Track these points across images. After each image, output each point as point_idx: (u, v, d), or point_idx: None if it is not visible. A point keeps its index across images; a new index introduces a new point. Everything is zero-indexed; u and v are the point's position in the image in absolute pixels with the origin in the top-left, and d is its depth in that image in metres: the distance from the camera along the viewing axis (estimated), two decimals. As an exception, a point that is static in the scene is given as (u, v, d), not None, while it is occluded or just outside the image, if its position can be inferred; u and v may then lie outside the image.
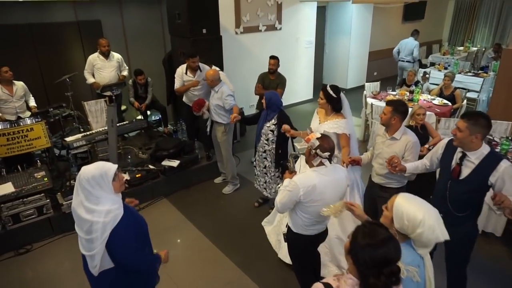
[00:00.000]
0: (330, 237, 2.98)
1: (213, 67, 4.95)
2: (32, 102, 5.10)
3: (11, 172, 4.22)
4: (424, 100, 5.83)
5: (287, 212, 2.56)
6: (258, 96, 5.60)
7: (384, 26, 10.10)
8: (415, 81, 6.40)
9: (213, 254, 3.75)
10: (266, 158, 4.02)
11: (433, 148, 2.85)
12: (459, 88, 6.22)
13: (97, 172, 1.92)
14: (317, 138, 2.33)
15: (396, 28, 10.53)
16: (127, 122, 5.20)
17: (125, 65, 5.76)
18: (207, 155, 5.20)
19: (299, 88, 8.44)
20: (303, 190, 2.29)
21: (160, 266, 2.28)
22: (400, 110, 2.92)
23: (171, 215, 4.43)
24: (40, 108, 5.08)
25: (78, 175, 1.94)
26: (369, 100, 6.09)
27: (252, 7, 6.94)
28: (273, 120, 3.82)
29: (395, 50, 8.57)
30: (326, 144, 2.32)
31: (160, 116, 6.43)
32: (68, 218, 3.95)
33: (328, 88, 3.27)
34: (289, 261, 3.33)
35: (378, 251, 1.40)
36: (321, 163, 2.35)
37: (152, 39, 6.66)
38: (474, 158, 2.41)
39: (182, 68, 4.94)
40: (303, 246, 2.59)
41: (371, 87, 6.72)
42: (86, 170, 1.93)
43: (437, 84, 6.84)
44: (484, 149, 2.41)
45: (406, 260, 1.54)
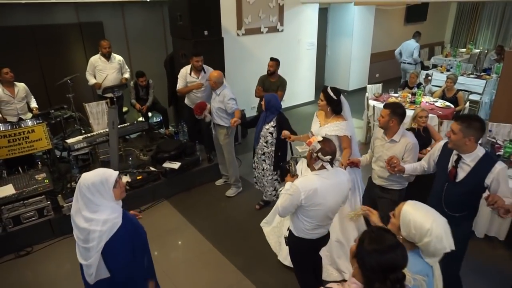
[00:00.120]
0: (331, 240, 2.96)
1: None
2: (34, 104, 5.09)
3: (12, 174, 4.22)
4: (427, 102, 5.81)
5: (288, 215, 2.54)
6: (259, 98, 5.59)
7: (386, 28, 10.08)
8: (417, 83, 6.37)
9: (213, 257, 3.73)
10: (265, 160, 4.01)
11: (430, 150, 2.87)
12: (461, 90, 6.20)
13: (98, 179, 1.89)
14: (319, 142, 2.31)
15: (398, 30, 10.51)
16: (128, 124, 5.19)
17: (126, 67, 5.76)
18: (208, 157, 5.19)
19: (300, 90, 8.43)
20: (305, 194, 2.27)
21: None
22: (397, 113, 2.92)
23: (172, 218, 4.42)
24: (41, 110, 5.07)
25: (78, 182, 1.91)
26: (371, 102, 6.08)
27: (254, 9, 6.94)
28: (272, 123, 3.82)
29: (397, 51, 8.63)
30: (328, 148, 2.30)
31: (161, 118, 6.42)
32: (68, 220, 3.84)
33: (328, 89, 3.26)
34: (289, 263, 3.32)
35: (385, 256, 1.38)
36: (322, 167, 2.34)
37: (153, 40, 6.66)
38: (469, 161, 2.45)
39: (186, 69, 4.93)
40: (304, 250, 2.58)
41: (373, 89, 6.70)
42: (86, 177, 1.90)
43: (439, 86, 6.82)
44: (479, 151, 2.44)
45: (415, 269, 1.52)
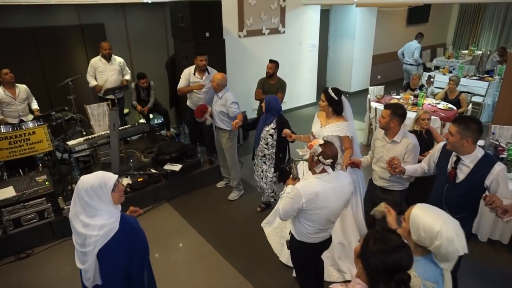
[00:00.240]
0: (333, 242, 2.95)
1: None
2: (35, 105, 5.08)
3: (13, 176, 4.21)
4: (429, 104, 5.78)
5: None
6: (259, 101, 5.56)
7: (388, 30, 10.06)
8: (419, 85, 6.35)
9: (214, 260, 3.71)
10: (265, 162, 4.00)
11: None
12: (464, 92, 6.17)
13: (96, 182, 1.86)
14: (320, 145, 2.29)
15: (400, 31, 10.48)
16: (129, 125, 5.18)
17: (127, 69, 5.75)
18: (209, 159, 5.17)
19: (302, 91, 8.41)
20: (306, 197, 2.25)
21: None
22: (398, 113, 2.92)
23: (173, 220, 4.40)
24: (43, 111, 5.05)
25: (77, 185, 1.89)
26: (373, 104, 6.05)
27: (256, 11, 6.93)
28: (272, 124, 3.81)
29: (400, 52, 8.68)
30: (329, 151, 2.28)
31: (162, 119, 6.41)
32: (69, 223, 3.90)
33: (329, 90, 3.26)
34: (291, 264, 3.29)
35: (391, 257, 1.38)
36: (323, 170, 2.31)
37: (155, 42, 6.65)
38: (468, 162, 2.46)
39: (190, 69, 4.91)
40: (306, 254, 2.55)
41: (375, 91, 6.67)
42: (85, 180, 1.88)
43: (441, 88, 6.79)
44: (478, 153, 2.45)
45: (425, 275, 1.50)
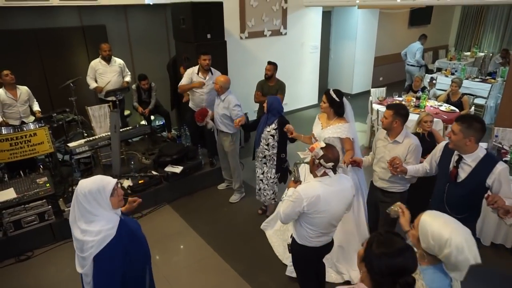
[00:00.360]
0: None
1: None
2: (36, 107, 5.08)
3: (13, 177, 4.20)
4: (431, 106, 5.75)
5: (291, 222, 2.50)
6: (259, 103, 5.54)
7: (390, 31, 10.04)
8: (421, 87, 6.32)
9: (215, 263, 3.69)
10: (265, 163, 3.97)
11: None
12: (466, 94, 6.13)
13: (95, 187, 1.85)
14: (321, 148, 2.27)
15: (402, 33, 10.46)
16: (130, 127, 5.17)
17: (127, 70, 5.74)
18: (210, 161, 5.15)
19: (304, 93, 8.40)
20: (307, 200, 2.23)
21: None
22: (401, 113, 2.91)
23: (174, 222, 4.38)
24: (44, 113, 5.06)
25: (76, 189, 1.88)
26: (375, 106, 6.02)
27: (257, 12, 6.92)
28: (273, 125, 3.78)
29: (403, 52, 8.73)
30: (331, 154, 2.26)
31: (163, 121, 6.41)
32: (69, 225, 3.90)
33: (331, 91, 3.25)
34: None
35: (395, 260, 1.36)
36: (325, 173, 2.29)
37: (156, 44, 6.64)
38: (470, 161, 2.45)
39: (193, 69, 4.90)
40: (308, 258, 2.53)
41: (377, 92, 6.65)
42: (83, 185, 1.87)
43: (444, 90, 6.76)
44: (480, 152, 2.44)
45: (432, 284, 1.48)
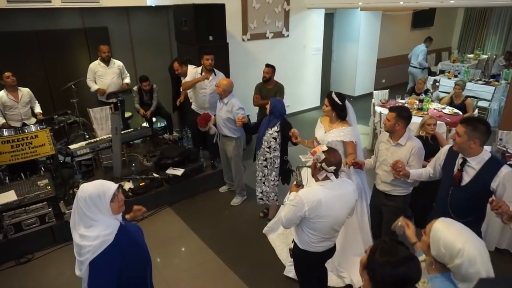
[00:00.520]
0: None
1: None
2: (38, 109, 5.08)
3: (14, 179, 4.19)
4: (434, 109, 5.71)
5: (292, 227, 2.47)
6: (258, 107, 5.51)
7: (392, 33, 10.01)
8: (424, 90, 6.28)
9: (216, 266, 3.66)
10: (266, 166, 3.95)
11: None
12: (470, 96, 6.09)
13: (95, 192, 1.83)
14: (323, 151, 2.24)
15: (405, 35, 10.43)
16: (131, 129, 5.16)
17: (126, 72, 5.73)
18: (212, 164, 5.13)
19: (306, 95, 8.38)
20: (308, 205, 2.20)
21: None
22: (403, 116, 2.89)
23: (175, 225, 4.36)
24: (46, 115, 5.06)
25: (77, 193, 1.87)
26: (378, 109, 5.98)
27: (260, 14, 6.91)
28: (275, 128, 3.75)
29: (410, 55, 8.76)
30: (333, 158, 2.23)
31: (165, 123, 6.39)
32: (70, 227, 3.88)
33: (333, 95, 3.23)
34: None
35: (398, 269, 1.33)
36: (326, 177, 2.26)
37: (158, 46, 6.64)
38: (474, 164, 2.41)
39: (197, 69, 4.91)
40: (309, 263, 2.49)
41: (380, 95, 6.62)
42: (84, 189, 1.86)
43: (447, 93, 6.72)
44: (485, 155, 2.41)
45: None
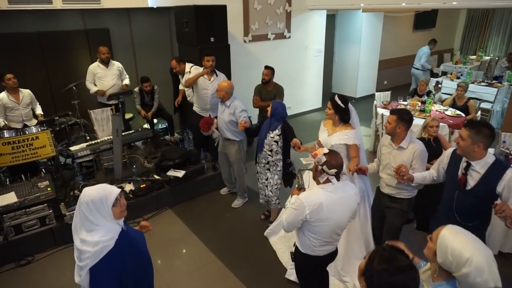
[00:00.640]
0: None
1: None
2: (39, 110, 5.07)
3: (15, 181, 4.18)
4: (437, 111, 5.68)
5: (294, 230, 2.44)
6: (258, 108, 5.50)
7: (394, 35, 9.98)
8: (427, 91, 6.25)
9: (217, 269, 3.64)
10: (269, 169, 3.93)
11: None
12: (472, 98, 6.05)
13: (97, 196, 1.83)
14: (325, 154, 2.22)
15: (407, 36, 10.41)
16: (132, 131, 5.14)
17: (125, 73, 5.71)
18: (213, 166, 5.11)
19: (307, 97, 8.35)
20: (309, 208, 2.17)
21: None
22: (404, 119, 2.87)
23: (176, 227, 4.34)
24: (47, 116, 5.05)
25: (79, 197, 1.87)
26: (380, 110, 5.95)
27: (261, 15, 6.89)
28: (277, 131, 3.72)
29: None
30: (334, 161, 2.20)
31: (166, 124, 6.38)
32: (70, 229, 3.85)
33: (336, 98, 3.21)
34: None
35: (396, 278, 1.31)
36: (328, 180, 2.24)
37: (159, 47, 6.63)
38: (479, 168, 2.39)
39: (199, 70, 4.89)
40: (311, 267, 2.47)
41: (382, 96, 6.59)
42: (86, 193, 1.86)
43: (449, 94, 6.68)
44: (489, 158, 2.39)
45: None
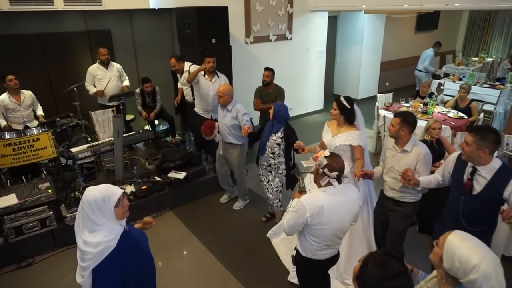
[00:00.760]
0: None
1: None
2: (40, 111, 5.07)
3: (15, 183, 4.17)
4: (439, 112, 5.65)
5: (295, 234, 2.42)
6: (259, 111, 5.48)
7: (396, 36, 9.96)
8: (429, 93, 6.23)
9: (217, 272, 3.62)
10: (270, 172, 3.91)
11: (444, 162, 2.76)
12: (475, 100, 6.02)
13: (100, 196, 1.83)
14: (326, 157, 2.20)
15: (409, 38, 10.39)
16: (134, 132, 5.13)
17: (125, 74, 5.70)
18: (214, 167, 5.08)
19: (309, 98, 8.34)
20: (310, 211, 2.15)
21: None
22: (408, 121, 2.84)
23: (176, 229, 4.32)
24: (48, 118, 5.03)
25: (82, 196, 1.88)
26: (382, 112, 5.93)
27: (263, 17, 6.88)
28: (279, 133, 3.70)
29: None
30: (335, 163, 2.18)
31: (168, 126, 6.37)
32: (71, 231, 3.83)
33: (341, 98, 3.21)
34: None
35: (388, 283, 1.31)
36: (329, 183, 2.21)
37: (161, 48, 6.62)
38: (485, 173, 2.35)
39: (196, 66, 4.89)
40: (312, 271, 2.44)
41: (384, 98, 6.56)
42: (89, 193, 1.86)
43: (452, 96, 6.65)
44: (496, 163, 2.35)
45: None
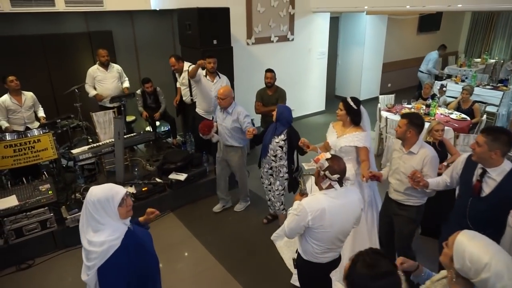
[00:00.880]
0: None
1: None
2: (41, 113, 5.07)
3: (16, 184, 4.17)
4: (441, 114, 5.62)
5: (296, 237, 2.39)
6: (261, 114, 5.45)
7: (398, 37, 9.93)
8: (431, 94, 6.19)
9: (218, 274, 3.60)
10: (272, 174, 3.89)
11: (452, 164, 2.72)
12: (477, 101, 5.99)
13: (103, 195, 1.82)
14: (327, 159, 2.17)
15: (411, 39, 10.35)
16: (135, 134, 5.13)
17: (125, 76, 5.69)
18: (215, 169, 5.06)
19: (311, 99, 8.31)
20: (311, 214, 2.13)
21: None
22: (415, 123, 2.82)
23: (177, 230, 4.31)
24: (49, 119, 5.04)
25: (86, 196, 1.86)
26: (384, 114, 5.90)
27: (264, 18, 6.87)
28: (282, 136, 3.68)
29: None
30: (336, 166, 2.16)
31: (169, 127, 6.36)
32: (71, 233, 3.86)
33: (348, 99, 3.21)
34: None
35: (376, 283, 1.31)
36: (330, 186, 2.19)
37: (162, 49, 6.61)
38: (495, 175, 2.32)
39: (201, 71, 4.88)
40: (313, 274, 2.42)
41: (386, 99, 6.53)
42: (93, 192, 1.85)
43: (454, 97, 6.62)
44: (506, 166, 2.33)
45: None
